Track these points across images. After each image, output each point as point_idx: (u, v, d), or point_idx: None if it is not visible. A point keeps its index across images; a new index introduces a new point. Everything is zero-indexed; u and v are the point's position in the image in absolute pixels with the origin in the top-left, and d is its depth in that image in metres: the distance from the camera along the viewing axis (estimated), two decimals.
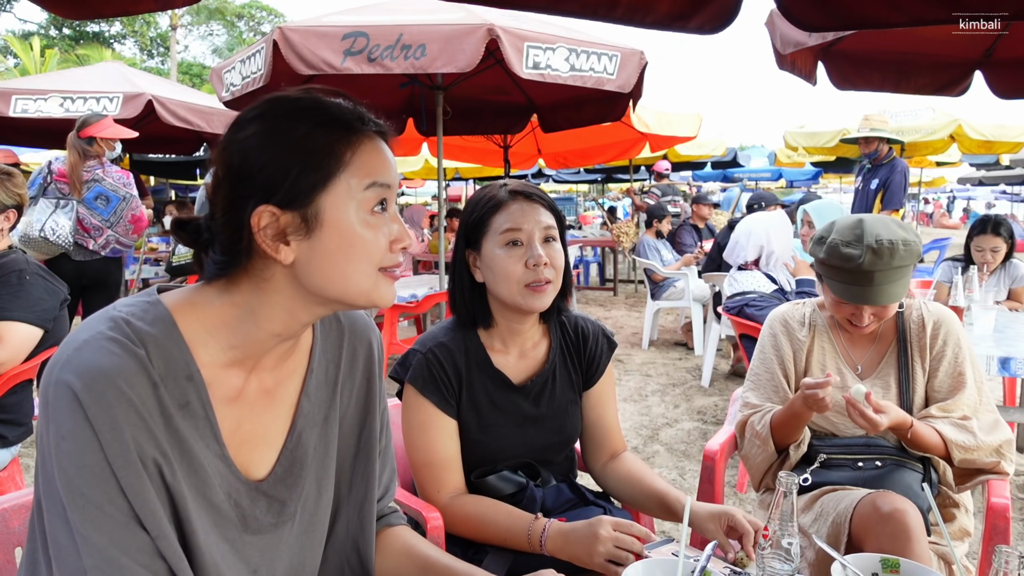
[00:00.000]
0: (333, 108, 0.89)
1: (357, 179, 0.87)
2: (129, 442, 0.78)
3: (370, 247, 0.88)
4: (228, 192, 0.86)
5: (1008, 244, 4.00)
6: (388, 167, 0.91)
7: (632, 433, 4.20)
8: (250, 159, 0.85)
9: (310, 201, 0.85)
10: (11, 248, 2.39)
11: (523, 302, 1.42)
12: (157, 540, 0.79)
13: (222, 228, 0.86)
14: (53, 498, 0.78)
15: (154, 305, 0.86)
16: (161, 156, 9.86)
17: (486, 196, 1.47)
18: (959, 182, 21.78)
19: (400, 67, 3.80)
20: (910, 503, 1.51)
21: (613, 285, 10.49)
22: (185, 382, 0.84)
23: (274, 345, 0.92)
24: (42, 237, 3.93)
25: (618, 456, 1.61)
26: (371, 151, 0.89)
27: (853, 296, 1.72)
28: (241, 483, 0.90)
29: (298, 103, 0.89)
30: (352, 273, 0.87)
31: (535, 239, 1.42)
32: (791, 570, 1.10)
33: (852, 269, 1.70)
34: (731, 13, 1.93)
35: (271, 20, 34.38)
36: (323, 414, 1.01)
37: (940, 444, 1.67)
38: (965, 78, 3.64)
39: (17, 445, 2.38)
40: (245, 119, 0.88)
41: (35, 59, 22.06)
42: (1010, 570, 0.94)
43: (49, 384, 0.79)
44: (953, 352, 1.78)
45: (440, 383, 1.45)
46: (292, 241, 0.85)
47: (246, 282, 0.88)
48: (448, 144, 7.33)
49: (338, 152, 0.86)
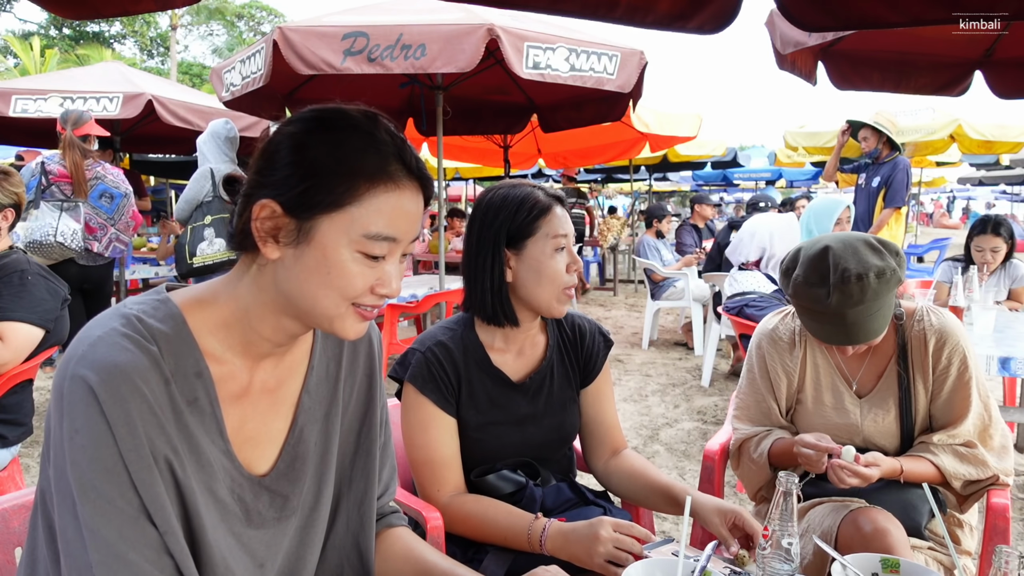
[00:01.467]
0: (380, 142, 0.87)
1: (362, 222, 0.85)
2: (142, 437, 0.79)
3: (347, 283, 0.86)
4: (254, 173, 0.89)
5: (1008, 244, 4.00)
6: (404, 222, 0.88)
7: (632, 433, 4.20)
8: (281, 153, 0.87)
9: (310, 217, 0.85)
10: (11, 248, 2.39)
11: (557, 306, 1.46)
12: (165, 536, 0.80)
13: (239, 203, 0.89)
14: (64, 492, 0.79)
15: (164, 303, 0.88)
16: (161, 156, 9.86)
17: (530, 198, 1.46)
18: (959, 182, 21.76)
19: (400, 67, 3.80)
20: (893, 520, 1.48)
21: (613, 285, 10.50)
22: (194, 379, 0.86)
23: (270, 349, 0.94)
24: (58, 243, 3.89)
25: (620, 453, 1.62)
26: (392, 201, 0.86)
27: (827, 336, 1.61)
28: (244, 478, 0.92)
29: (351, 121, 0.88)
30: (322, 297, 0.87)
31: (572, 246, 1.48)
32: (791, 570, 1.10)
33: (820, 311, 1.57)
34: (731, 13, 1.93)
35: (271, 20, 34.37)
36: (324, 410, 1.02)
37: (936, 477, 1.61)
38: (965, 78, 3.63)
39: (17, 445, 2.38)
40: (301, 116, 0.89)
41: (35, 59, 22.05)
42: (1010, 570, 0.94)
43: (64, 378, 0.80)
44: (958, 371, 1.65)
45: (439, 381, 1.45)
46: (281, 242, 0.86)
47: (246, 275, 0.90)
48: (448, 144, 7.34)
49: (356, 187, 0.85)
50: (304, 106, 0.93)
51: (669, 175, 18.56)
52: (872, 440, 1.70)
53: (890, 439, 1.69)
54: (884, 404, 1.70)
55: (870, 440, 1.70)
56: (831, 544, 1.50)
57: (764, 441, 1.72)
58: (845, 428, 1.71)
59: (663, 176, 18.39)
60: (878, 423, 1.70)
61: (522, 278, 1.46)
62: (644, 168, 13.14)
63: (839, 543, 1.51)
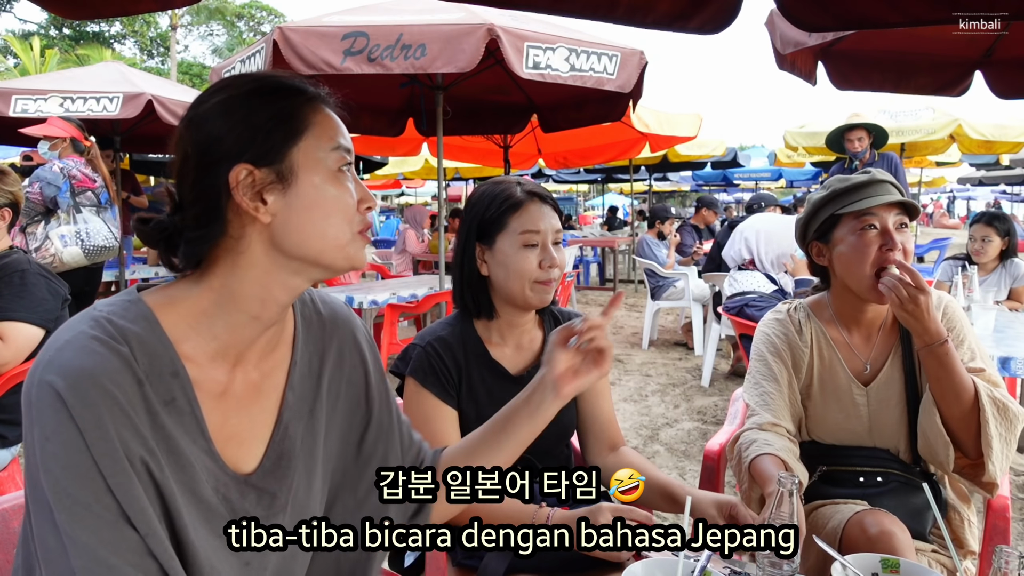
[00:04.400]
0: (290, 79, 0.93)
1: (323, 140, 0.89)
2: (115, 440, 0.77)
3: (344, 204, 0.90)
4: (199, 161, 0.86)
5: (1001, 237, 4.01)
6: (346, 133, 0.94)
7: (632, 433, 4.20)
8: (218, 123, 0.87)
9: (283, 156, 0.87)
10: (12, 248, 2.39)
11: (531, 297, 1.46)
12: (147, 538, 0.78)
13: (195, 200, 0.87)
14: (40, 500, 0.77)
15: (135, 303, 0.86)
16: (161, 156, 9.85)
17: (503, 193, 1.48)
18: (959, 182, 21.76)
19: (400, 67, 3.80)
20: (898, 523, 1.47)
21: (613, 285, 10.50)
22: (170, 378, 0.84)
23: (256, 333, 0.92)
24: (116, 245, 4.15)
25: (618, 450, 1.62)
26: (330, 118, 0.92)
27: (874, 200, 1.60)
28: (229, 477, 0.90)
29: (256, 77, 0.92)
30: (329, 228, 0.89)
31: (548, 242, 1.46)
32: (791, 570, 1.10)
33: (862, 183, 1.63)
34: (731, 13, 1.93)
35: (271, 20, 34.37)
36: (308, 406, 1.01)
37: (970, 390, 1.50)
38: (965, 78, 3.63)
39: (17, 445, 2.38)
40: (206, 95, 0.91)
41: (35, 59, 22.06)
42: (1010, 570, 0.94)
43: (32, 385, 0.78)
44: (958, 336, 1.62)
45: (440, 375, 1.47)
46: (269, 199, 0.86)
47: (221, 262, 0.88)
48: (448, 144, 7.33)
49: (303, 114, 0.89)
50: None
51: (669, 175, 18.56)
52: (878, 426, 1.68)
53: (896, 426, 1.68)
54: (890, 392, 1.68)
55: (876, 426, 1.68)
56: (835, 545, 1.49)
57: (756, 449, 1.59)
58: (852, 417, 1.69)
59: (663, 176, 18.39)
60: (884, 410, 1.68)
61: (494, 272, 1.49)
62: (644, 168, 13.14)
63: (844, 544, 1.49)
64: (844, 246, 1.65)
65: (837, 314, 1.75)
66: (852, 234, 1.63)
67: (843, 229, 1.65)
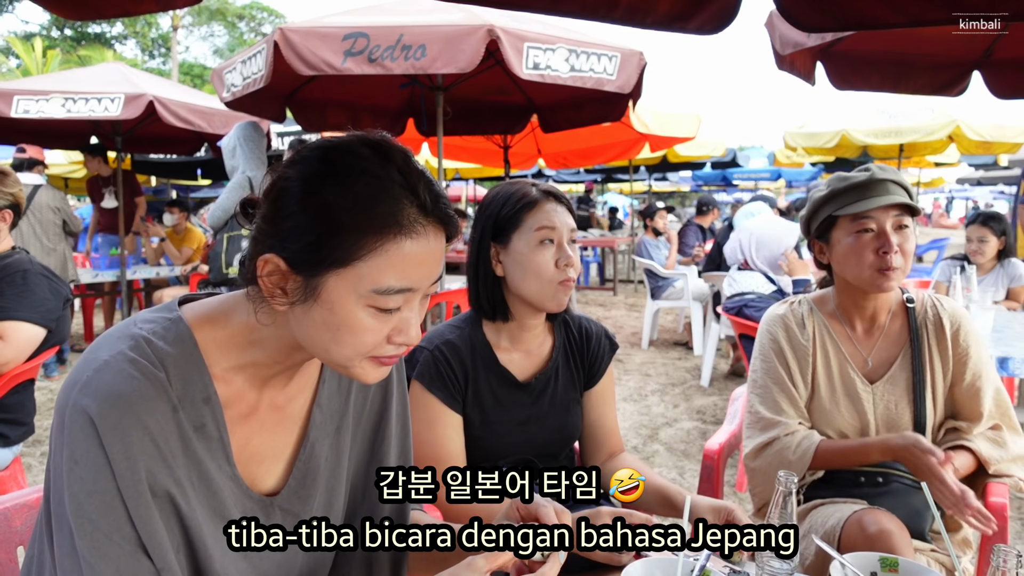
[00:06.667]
0: (392, 184, 0.80)
1: (372, 278, 0.79)
2: (142, 472, 0.77)
3: (359, 339, 0.82)
4: (261, 219, 0.83)
5: (998, 237, 4.01)
6: (419, 270, 0.82)
7: (632, 433, 4.21)
8: (286, 199, 0.81)
9: (316, 274, 0.80)
10: (14, 248, 2.40)
11: (553, 300, 1.45)
12: (162, 573, 0.79)
13: (250, 245, 0.85)
14: (62, 520, 0.78)
15: (175, 323, 0.85)
16: (162, 156, 9.85)
17: (518, 192, 1.47)
18: (957, 182, 21.76)
19: (400, 68, 3.80)
20: (897, 522, 1.47)
21: (613, 285, 10.50)
22: (202, 404, 0.84)
23: (289, 363, 0.91)
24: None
25: (616, 456, 1.62)
26: (406, 250, 0.80)
27: (871, 202, 1.58)
28: (253, 500, 0.90)
29: (361, 162, 0.80)
30: (334, 351, 0.83)
31: (564, 240, 1.45)
32: (790, 569, 1.10)
33: (861, 183, 1.60)
34: (731, 13, 1.93)
35: (272, 21, 34.39)
36: (335, 424, 1.00)
37: (974, 465, 1.58)
38: (964, 78, 3.64)
39: (19, 444, 2.38)
40: (309, 155, 0.82)
41: (37, 60, 22.07)
42: (1008, 569, 0.94)
43: (66, 405, 0.78)
44: (977, 353, 1.64)
45: (447, 379, 1.46)
46: (289, 297, 0.82)
47: (262, 303, 0.86)
48: (448, 144, 7.33)
49: (364, 241, 0.78)
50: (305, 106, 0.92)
51: (669, 175, 18.56)
52: (884, 425, 1.68)
53: (902, 426, 1.68)
54: (896, 390, 1.67)
55: (882, 425, 1.68)
56: (834, 544, 1.49)
57: (807, 441, 1.62)
58: (858, 415, 1.69)
59: (663, 176, 18.39)
60: (890, 409, 1.67)
61: (510, 272, 1.47)
62: (644, 168, 13.14)
63: (843, 544, 1.49)
64: (842, 247, 1.66)
65: (840, 307, 1.77)
66: (849, 236, 1.64)
67: (840, 231, 1.66)
